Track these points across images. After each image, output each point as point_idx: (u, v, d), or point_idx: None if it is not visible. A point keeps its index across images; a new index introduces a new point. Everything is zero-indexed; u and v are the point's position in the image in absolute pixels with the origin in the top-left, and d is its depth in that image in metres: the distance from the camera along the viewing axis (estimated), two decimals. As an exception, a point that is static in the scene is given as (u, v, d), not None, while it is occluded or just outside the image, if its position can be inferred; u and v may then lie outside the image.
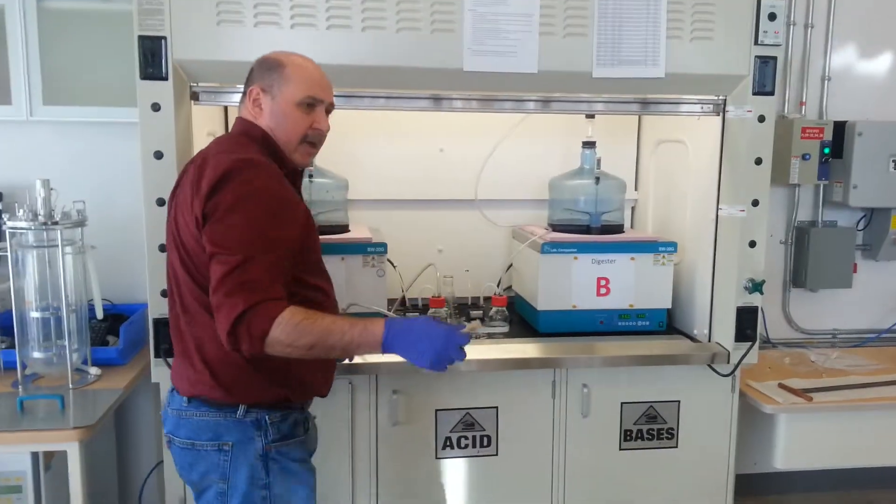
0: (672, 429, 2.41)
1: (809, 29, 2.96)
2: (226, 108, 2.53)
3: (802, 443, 2.53)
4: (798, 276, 3.07)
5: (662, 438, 2.41)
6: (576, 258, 2.40)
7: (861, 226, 3.12)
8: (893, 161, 2.93)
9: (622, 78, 2.24)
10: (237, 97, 2.08)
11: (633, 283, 2.44)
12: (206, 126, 2.31)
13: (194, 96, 2.04)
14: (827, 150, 2.89)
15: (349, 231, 2.48)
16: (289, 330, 1.41)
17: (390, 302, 2.50)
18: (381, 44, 2.02)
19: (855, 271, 3.06)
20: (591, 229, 2.52)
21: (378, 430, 2.26)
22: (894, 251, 3.06)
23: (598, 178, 2.53)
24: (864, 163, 2.92)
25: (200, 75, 2.02)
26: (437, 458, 2.31)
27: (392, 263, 2.54)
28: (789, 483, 3.16)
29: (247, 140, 1.62)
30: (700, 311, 2.47)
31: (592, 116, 2.54)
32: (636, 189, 2.90)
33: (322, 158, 2.49)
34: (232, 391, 1.57)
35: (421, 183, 2.74)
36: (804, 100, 2.99)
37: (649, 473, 2.41)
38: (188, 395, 1.60)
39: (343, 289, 2.24)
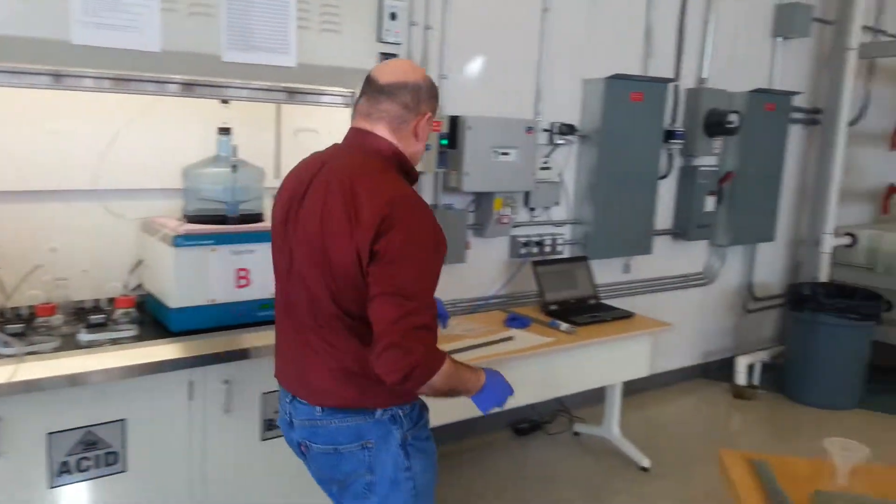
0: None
1: (428, 30, 3.22)
2: None
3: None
4: (424, 255, 3.36)
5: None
6: (213, 250, 2.29)
7: (472, 208, 3.54)
8: (494, 151, 3.37)
9: (256, 64, 2.20)
10: None
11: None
12: None
13: None
14: (444, 142, 3.20)
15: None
16: (443, 380, 1.56)
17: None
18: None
19: (468, 248, 3.46)
20: (228, 219, 2.43)
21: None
22: (498, 229, 3.53)
23: (234, 166, 2.45)
24: (473, 153, 3.29)
25: None
26: (51, 487, 2.01)
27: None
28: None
29: (382, 159, 1.68)
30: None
31: (227, 102, 2.43)
32: (276, 177, 2.87)
33: None
34: (372, 399, 1.67)
35: (25, 171, 2.32)
36: (426, 95, 3.26)
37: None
38: (321, 406, 1.69)
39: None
